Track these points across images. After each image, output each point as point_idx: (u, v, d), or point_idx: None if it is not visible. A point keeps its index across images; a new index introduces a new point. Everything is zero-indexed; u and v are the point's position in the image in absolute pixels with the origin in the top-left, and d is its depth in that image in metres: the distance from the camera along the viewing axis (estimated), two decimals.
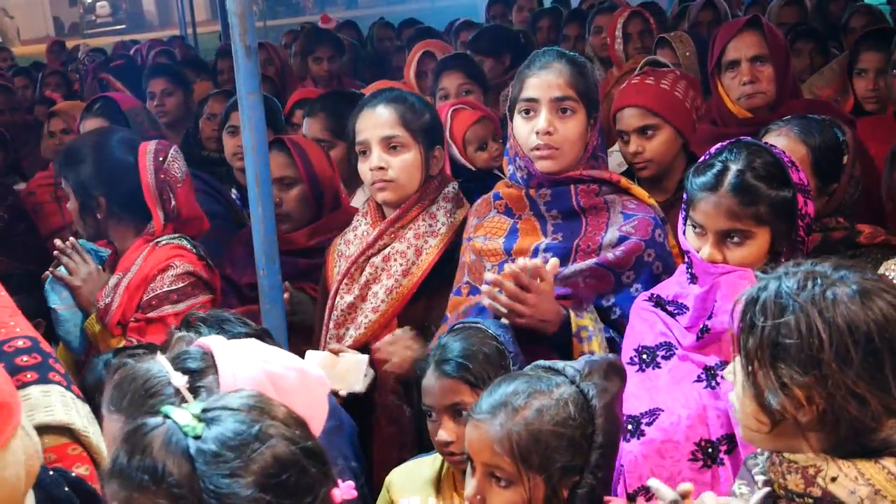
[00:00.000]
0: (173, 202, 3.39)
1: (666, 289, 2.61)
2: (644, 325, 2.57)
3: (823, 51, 5.42)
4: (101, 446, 2.11)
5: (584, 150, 2.88)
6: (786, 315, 1.71)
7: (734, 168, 2.40)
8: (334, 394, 2.80)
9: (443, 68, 4.78)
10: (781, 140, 2.91)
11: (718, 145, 2.51)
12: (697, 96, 3.56)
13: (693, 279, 2.48)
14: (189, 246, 3.41)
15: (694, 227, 2.46)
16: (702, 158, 2.51)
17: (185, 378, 1.84)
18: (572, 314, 2.71)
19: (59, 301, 3.49)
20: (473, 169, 3.89)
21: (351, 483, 1.64)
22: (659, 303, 2.58)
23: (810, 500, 1.73)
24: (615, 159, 4.09)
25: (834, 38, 6.16)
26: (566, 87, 2.83)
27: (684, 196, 2.51)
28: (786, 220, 2.41)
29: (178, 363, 1.91)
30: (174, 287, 3.30)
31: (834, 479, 1.71)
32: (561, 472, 2.03)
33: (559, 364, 2.16)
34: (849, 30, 5.81)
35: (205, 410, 1.54)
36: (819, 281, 1.73)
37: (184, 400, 1.78)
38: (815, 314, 1.69)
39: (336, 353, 2.97)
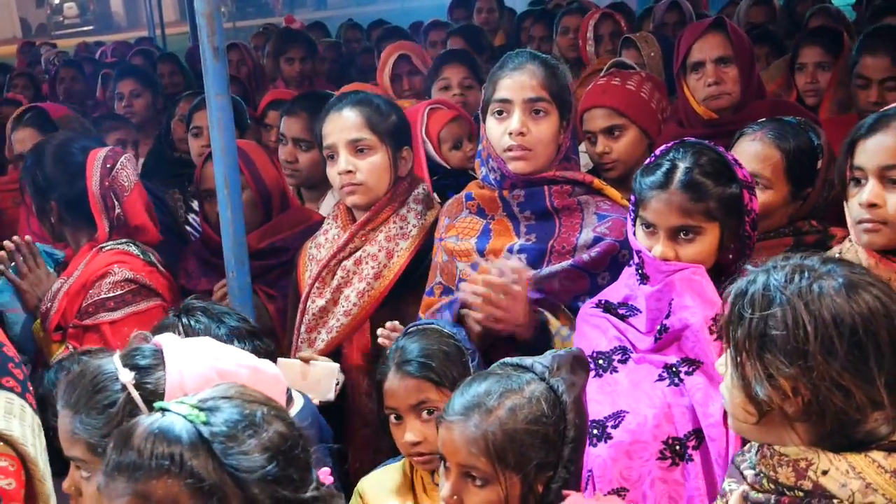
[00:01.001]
0: (118, 210, 3.35)
1: (613, 293, 2.62)
2: (596, 331, 2.57)
3: (780, 54, 5.46)
4: (40, 460, 2.08)
5: (556, 152, 2.89)
6: (773, 307, 1.74)
7: (682, 166, 2.43)
8: None
9: (446, 60, 4.78)
10: (756, 145, 2.93)
11: (663, 147, 2.53)
12: (662, 98, 3.60)
13: (644, 279, 2.49)
14: (136, 251, 3.36)
15: (645, 226, 2.48)
16: (648, 160, 2.54)
17: (133, 374, 1.88)
18: (549, 317, 2.72)
19: (7, 302, 3.45)
20: (448, 167, 3.89)
21: (327, 469, 1.73)
22: (608, 308, 2.59)
23: (801, 493, 1.74)
24: (582, 160, 4.12)
25: None
26: (539, 89, 2.84)
27: (632, 197, 2.53)
28: (734, 215, 2.44)
29: (129, 360, 1.95)
30: (111, 294, 3.25)
31: (825, 473, 1.73)
32: (536, 468, 2.06)
33: (527, 361, 2.19)
34: (808, 29, 5.86)
35: (201, 401, 1.63)
36: (806, 274, 1.76)
37: (130, 396, 1.82)
38: (802, 307, 1.72)
39: (307, 360, 2.96)
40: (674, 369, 2.41)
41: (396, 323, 2.92)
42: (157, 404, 1.65)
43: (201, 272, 3.60)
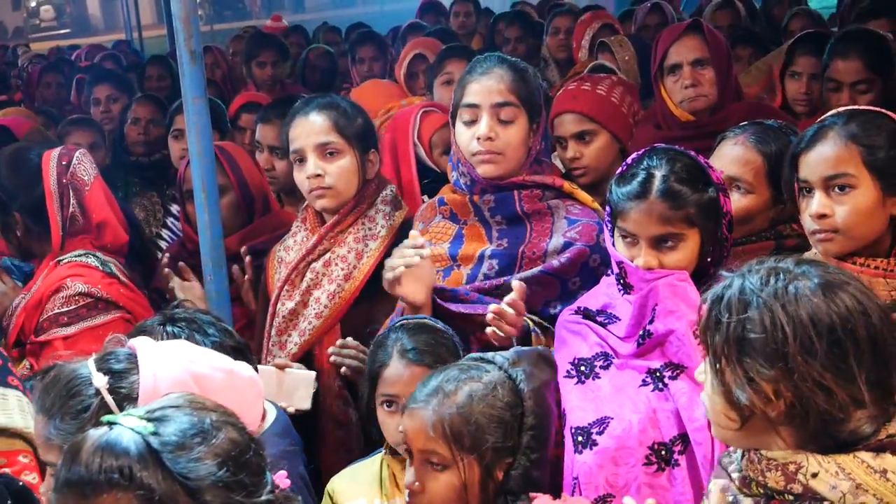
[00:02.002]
0: (73, 208, 3.23)
1: (592, 300, 2.60)
2: (576, 337, 2.56)
3: (763, 54, 5.48)
4: None
5: (526, 156, 2.88)
6: (750, 311, 1.74)
7: (659, 174, 2.41)
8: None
9: (449, 55, 4.78)
10: (738, 149, 2.93)
11: (634, 155, 2.51)
12: (634, 102, 3.58)
13: (627, 289, 2.47)
14: (94, 263, 3.26)
15: (624, 236, 2.46)
16: (621, 169, 2.51)
17: (107, 379, 1.87)
18: (535, 335, 2.70)
19: None
20: (439, 171, 3.87)
21: (284, 472, 1.74)
22: (587, 315, 2.57)
23: (791, 497, 1.74)
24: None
25: (777, 41, 6.24)
26: (507, 93, 2.84)
27: (608, 208, 2.51)
28: (712, 219, 2.43)
29: (103, 364, 1.95)
30: (64, 309, 3.15)
31: (815, 475, 1.73)
32: (493, 452, 2.12)
33: (489, 354, 2.27)
34: (788, 32, 5.90)
35: (150, 412, 1.62)
36: (782, 276, 1.76)
37: (104, 401, 1.82)
38: (779, 308, 1.72)
39: (282, 368, 2.94)
40: (657, 374, 2.40)
41: (349, 339, 2.95)
42: (104, 418, 1.64)
43: (177, 272, 3.59)
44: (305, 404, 2.93)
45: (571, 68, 6.04)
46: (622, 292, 2.49)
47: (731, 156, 2.91)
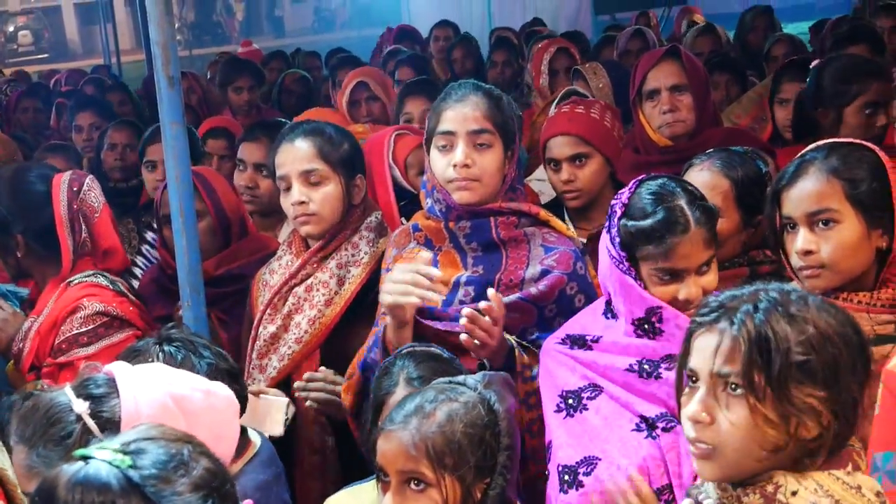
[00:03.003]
0: (84, 234, 3.29)
1: (579, 327, 2.59)
2: (563, 368, 2.55)
3: (741, 80, 5.51)
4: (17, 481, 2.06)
5: (502, 183, 2.88)
6: (792, 331, 1.71)
7: (684, 203, 2.43)
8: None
9: (408, 93, 4.79)
10: (704, 174, 2.95)
11: (627, 192, 2.50)
12: (620, 126, 3.62)
13: (654, 334, 2.44)
14: (105, 282, 3.29)
15: (661, 277, 2.42)
16: (620, 212, 2.47)
17: (87, 404, 1.86)
18: (518, 353, 2.70)
19: None
20: (415, 192, 3.87)
21: (250, 501, 1.73)
22: (575, 342, 2.56)
23: None
24: (534, 188, 4.13)
25: (754, 67, 6.28)
26: (483, 120, 2.83)
27: (619, 253, 2.45)
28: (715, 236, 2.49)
29: (82, 390, 1.93)
30: (84, 329, 3.18)
31: (794, 493, 1.72)
32: (474, 472, 2.12)
33: (459, 378, 2.27)
34: (771, 58, 5.93)
35: (124, 445, 1.59)
36: (792, 296, 1.77)
37: (86, 426, 1.79)
38: (818, 326, 1.73)
39: (256, 394, 2.92)
40: (650, 422, 2.39)
41: (317, 372, 2.95)
42: (77, 452, 1.60)
43: (157, 297, 3.58)
44: (277, 430, 2.91)
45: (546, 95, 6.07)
46: (643, 337, 2.46)
47: (699, 181, 2.92)
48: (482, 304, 2.59)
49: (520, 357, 2.71)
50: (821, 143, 2.53)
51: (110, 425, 1.88)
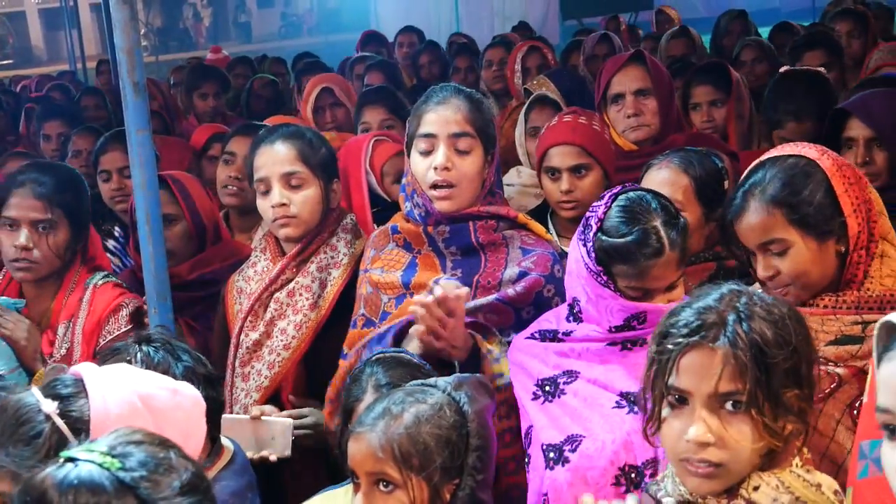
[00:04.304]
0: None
1: (548, 325, 2.62)
2: (535, 360, 2.57)
3: None
4: None
5: (481, 187, 2.89)
6: (782, 341, 1.75)
7: (659, 223, 2.44)
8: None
9: (365, 102, 4.77)
10: (664, 172, 3.00)
11: (607, 207, 2.49)
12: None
13: (577, 319, 2.52)
14: (116, 280, 3.37)
15: (632, 292, 2.45)
16: (596, 227, 2.48)
17: (56, 404, 1.88)
18: (478, 338, 2.72)
19: (3, 366, 3.19)
20: (389, 200, 3.86)
21: None
22: (546, 336, 2.59)
23: None
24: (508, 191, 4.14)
25: None
26: (464, 123, 2.84)
27: (596, 267, 2.46)
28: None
29: (50, 391, 1.94)
30: (129, 326, 3.23)
31: (756, 489, 1.76)
32: (441, 472, 2.14)
33: (431, 380, 2.29)
34: (740, 63, 5.99)
35: (110, 447, 1.59)
36: (755, 297, 1.81)
37: (56, 426, 1.82)
38: (795, 329, 1.78)
39: (257, 418, 2.89)
40: (631, 398, 2.41)
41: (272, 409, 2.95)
42: (63, 454, 1.60)
43: None
44: (287, 451, 2.89)
45: (508, 100, 6.12)
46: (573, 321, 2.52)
47: (659, 179, 2.97)
48: (436, 291, 2.58)
49: (483, 343, 2.70)
50: (756, 163, 2.49)
51: (80, 424, 1.88)
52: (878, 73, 4.81)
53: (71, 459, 1.58)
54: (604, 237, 2.45)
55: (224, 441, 2.61)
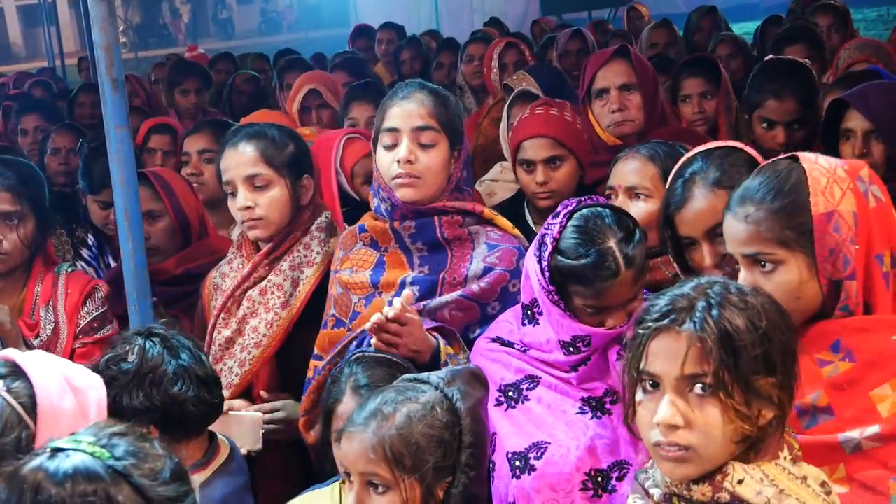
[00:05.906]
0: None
1: (507, 333, 2.62)
2: (496, 365, 2.56)
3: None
4: None
5: (447, 182, 2.88)
6: (752, 326, 1.75)
7: (614, 244, 2.43)
8: None
9: (353, 98, 4.76)
10: (631, 162, 2.99)
11: (562, 227, 2.49)
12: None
13: (533, 321, 2.52)
14: (82, 270, 3.51)
15: (589, 311, 2.45)
16: (552, 247, 2.47)
17: (1, 382, 1.92)
18: (441, 342, 2.71)
19: None
20: (359, 199, 3.85)
21: None
22: (506, 345, 2.59)
23: None
24: (485, 188, 4.13)
25: None
26: (428, 117, 2.84)
27: (548, 286, 2.46)
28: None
29: None
30: (105, 308, 3.39)
31: (741, 482, 1.76)
32: (434, 472, 2.13)
33: (423, 375, 2.28)
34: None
35: (97, 438, 1.62)
36: (731, 287, 1.81)
37: (7, 401, 1.88)
38: (768, 316, 1.78)
39: (225, 412, 2.85)
40: (593, 403, 2.42)
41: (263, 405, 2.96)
42: (51, 445, 1.61)
43: (116, 297, 3.52)
44: (257, 445, 2.90)
45: (487, 95, 6.10)
46: (531, 324, 2.53)
47: (627, 168, 2.98)
48: (386, 311, 2.58)
49: (444, 348, 2.70)
50: (698, 151, 2.55)
51: (28, 401, 1.91)
52: (852, 70, 4.78)
53: (59, 450, 1.59)
54: (560, 258, 2.45)
55: (220, 439, 2.61)
